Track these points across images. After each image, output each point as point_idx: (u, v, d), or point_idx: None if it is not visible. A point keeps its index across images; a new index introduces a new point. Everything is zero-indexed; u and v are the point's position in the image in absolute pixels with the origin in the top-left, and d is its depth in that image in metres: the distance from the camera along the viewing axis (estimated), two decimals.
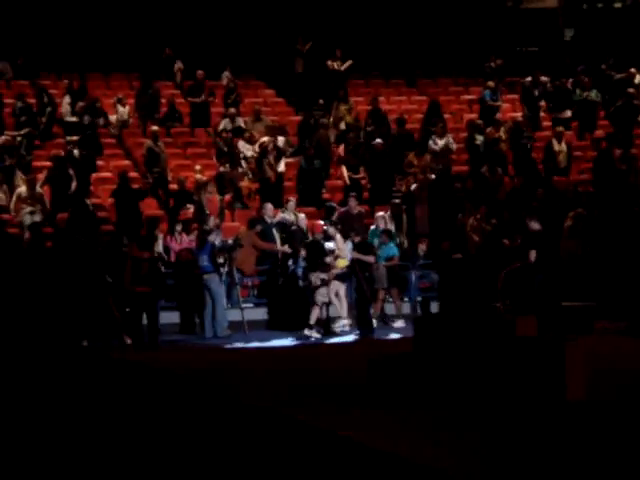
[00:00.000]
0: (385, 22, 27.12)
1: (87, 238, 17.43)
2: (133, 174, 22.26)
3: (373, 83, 27.35)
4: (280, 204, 20.75)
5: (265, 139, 22.51)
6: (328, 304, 17.70)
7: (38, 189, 20.28)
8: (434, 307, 17.67)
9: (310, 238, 18.54)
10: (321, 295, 17.45)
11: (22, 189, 20.19)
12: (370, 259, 17.42)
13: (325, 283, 17.45)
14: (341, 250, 17.72)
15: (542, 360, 10.72)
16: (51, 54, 24.95)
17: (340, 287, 17.74)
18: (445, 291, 18.62)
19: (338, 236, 17.85)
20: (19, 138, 21.92)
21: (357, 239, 18.02)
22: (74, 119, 22.96)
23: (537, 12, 28.70)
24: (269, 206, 19.72)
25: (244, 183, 21.93)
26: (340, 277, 17.77)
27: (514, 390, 10.76)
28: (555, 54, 27.15)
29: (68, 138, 22.28)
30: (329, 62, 25.60)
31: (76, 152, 21.46)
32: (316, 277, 17.43)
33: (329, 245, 17.65)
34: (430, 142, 22.87)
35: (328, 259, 17.55)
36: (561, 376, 10.58)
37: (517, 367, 10.82)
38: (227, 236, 18.95)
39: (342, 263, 17.70)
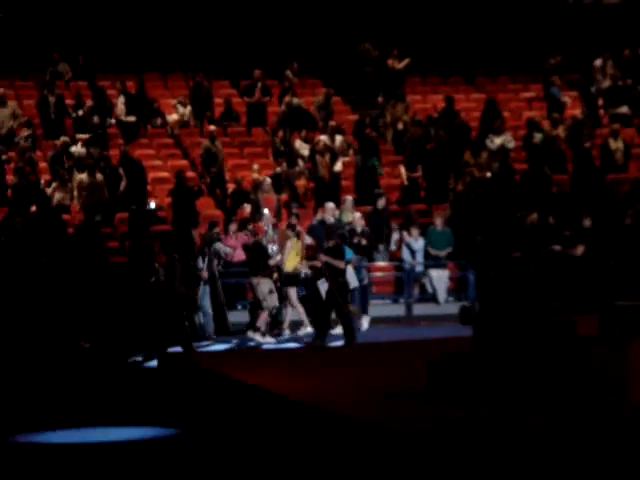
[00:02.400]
0: (443, 20, 26.93)
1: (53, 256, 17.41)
2: (191, 174, 22.35)
3: (431, 81, 27.19)
4: (337, 203, 20.68)
5: (320, 137, 22.46)
6: (279, 308, 17.52)
7: (98, 177, 20.50)
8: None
9: (252, 241, 18.15)
10: (271, 300, 17.24)
11: (83, 176, 20.40)
12: (339, 264, 16.81)
13: (273, 287, 17.25)
14: (286, 253, 17.59)
15: (603, 360, 10.56)
16: (109, 55, 25.10)
17: (290, 291, 17.60)
18: (488, 288, 18.35)
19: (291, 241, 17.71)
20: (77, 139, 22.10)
21: (331, 243, 17.28)
22: (130, 119, 23.10)
23: (598, 8, 28.34)
24: (330, 205, 19.56)
25: (300, 182, 21.90)
26: (290, 281, 17.60)
27: (575, 390, 10.60)
28: (614, 50, 26.79)
29: (78, 136, 22.23)
30: (388, 61, 25.46)
31: (75, 149, 21.45)
32: (258, 281, 17.21)
33: (274, 247, 17.56)
34: (487, 140, 22.71)
35: (271, 262, 17.35)
36: (622, 376, 10.41)
37: (578, 367, 10.67)
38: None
39: (291, 264, 17.53)
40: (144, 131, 23.52)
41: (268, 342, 17.14)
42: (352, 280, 17.43)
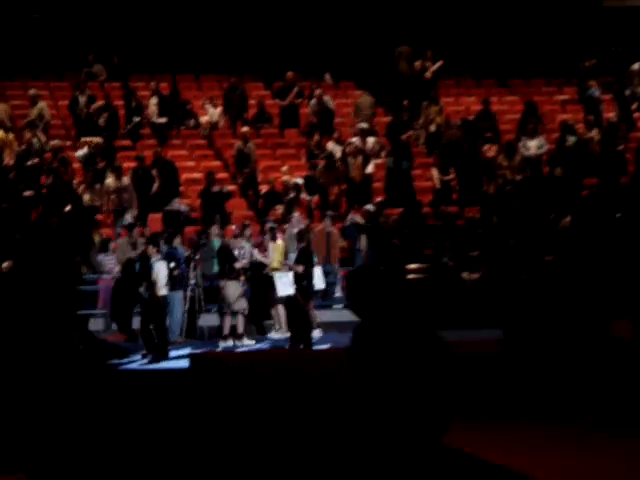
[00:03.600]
0: (476, 22, 26.84)
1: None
2: (223, 175, 22.39)
3: (464, 84, 27.11)
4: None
5: (351, 140, 22.45)
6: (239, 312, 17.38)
7: (125, 181, 20.56)
8: None
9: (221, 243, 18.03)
10: (238, 303, 17.17)
11: (109, 180, 20.52)
12: (298, 268, 16.88)
13: (240, 290, 17.21)
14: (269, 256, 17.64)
15: (638, 364, 10.49)
16: (143, 56, 25.20)
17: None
18: (520, 292, 18.23)
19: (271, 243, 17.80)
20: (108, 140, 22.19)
21: (299, 247, 17.42)
22: (161, 121, 23.16)
23: (633, 11, 28.14)
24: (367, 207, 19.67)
25: (333, 184, 21.87)
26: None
27: (609, 393, 10.53)
28: None
29: (83, 139, 22.26)
30: (420, 63, 25.39)
31: (82, 151, 21.48)
32: (225, 283, 17.15)
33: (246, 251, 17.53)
34: (520, 143, 22.61)
35: (238, 265, 17.29)
36: None
37: (612, 370, 10.60)
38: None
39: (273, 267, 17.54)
40: (177, 132, 23.58)
41: (246, 344, 17.09)
42: (318, 282, 17.59)
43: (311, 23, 26.19)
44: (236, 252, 17.47)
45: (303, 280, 16.84)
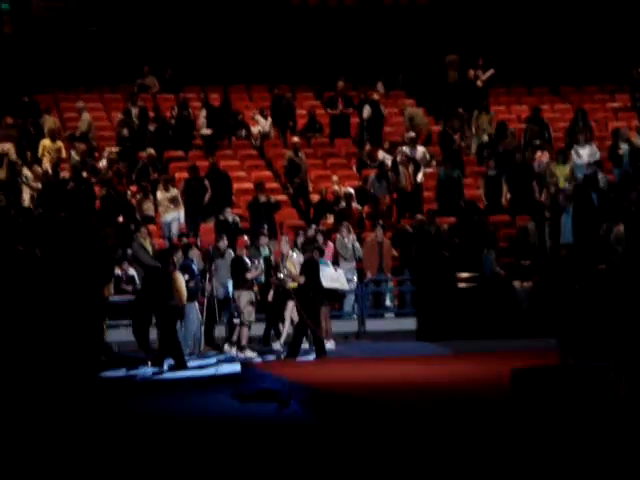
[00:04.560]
0: (527, 30, 26.73)
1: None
2: (274, 185, 22.49)
3: (515, 91, 27.00)
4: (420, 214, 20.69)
5: (401, 148, 22.45)
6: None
7: (174, 192, 20.72)
8: None
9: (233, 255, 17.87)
10: (248, 313, 17.10)
11: (160, 192, 20.79)
12: (299, 279, 16.71)
13: (253, 300, 17.15)
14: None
15: None
16: (195, 68, 25.39)
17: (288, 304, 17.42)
18: (573, 301, 18.09)
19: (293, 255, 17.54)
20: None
21: (304, 257, 17.26)
22: (206, 132, 23.30)
23: None
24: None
25: (383, 193, 21.88)
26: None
27: None
28: None
29: (108, 149, 22.36)
30: (471, 71, 25.33)
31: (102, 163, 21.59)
32: (239, 294, 17.08)
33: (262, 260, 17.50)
34: (572, 151, 22.48)
35: (249, 275, 17.19)
36: None
37: None
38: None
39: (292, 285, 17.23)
40: (228, 143, 23.71)
41: (249, 356, 17.00)
42: (342, 283, 17.52)
43: (362, 33, 26.24)
44: (248, 263, 17.44)
45: (307, 291, 16.53)
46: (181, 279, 16.49)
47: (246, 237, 19.31)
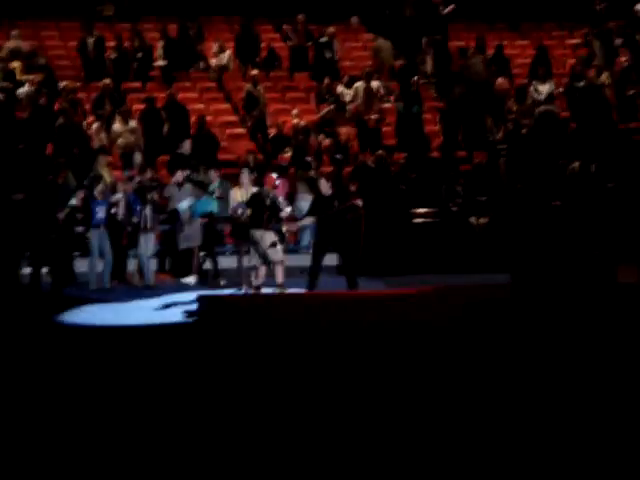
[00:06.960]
0: None
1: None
2: (232, 118, 22.35)
3: (475, 27, 26.89)
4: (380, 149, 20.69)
5: (357, 84, 22.38)
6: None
7: (132, 124, 20.56)
8: None
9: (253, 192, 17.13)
10: (274, 253, 16.26)
11: (116, 125, 20.55)
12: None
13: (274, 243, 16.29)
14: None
15: None
16: None
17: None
18: (527, 237, 18.26)
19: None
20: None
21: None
22: (161, 63, 23.06)
23: None
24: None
25: (344, 129, 21.84)
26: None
27: (611, 337, 10.60)
28: None
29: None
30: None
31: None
32: (262, 234, 16.25)
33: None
34: (531, 88, 22.53)
35: (283, 214, 16.57)
36: None
37: (618, 314, 10.67)
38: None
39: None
40: (186, 75, 23.51)
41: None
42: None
43: None
44: (282, 202, 16.91)
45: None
46: None
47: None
